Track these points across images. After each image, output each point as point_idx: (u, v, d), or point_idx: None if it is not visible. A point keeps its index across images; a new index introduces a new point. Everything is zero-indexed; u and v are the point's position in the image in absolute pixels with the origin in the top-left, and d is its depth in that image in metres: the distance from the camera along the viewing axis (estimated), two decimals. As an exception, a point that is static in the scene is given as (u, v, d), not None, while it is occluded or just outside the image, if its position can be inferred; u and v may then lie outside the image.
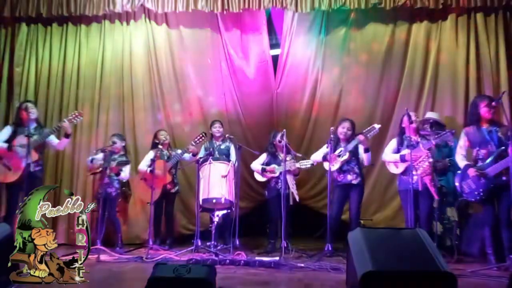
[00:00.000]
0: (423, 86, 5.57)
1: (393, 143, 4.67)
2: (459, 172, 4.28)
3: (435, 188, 4.32)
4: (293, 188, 4.87)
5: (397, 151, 4.58)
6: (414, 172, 4.30)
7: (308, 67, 5.94)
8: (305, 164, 4.92)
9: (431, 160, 4.32)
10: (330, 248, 4.45)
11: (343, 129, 4.80)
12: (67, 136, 4.97)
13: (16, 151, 4.63)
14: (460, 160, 4.27)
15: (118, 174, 5.14)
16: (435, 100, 5.52)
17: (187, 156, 5.28)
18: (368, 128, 4.62)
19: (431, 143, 4.29)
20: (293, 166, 4.86)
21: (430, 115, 5.09)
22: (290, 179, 4.90)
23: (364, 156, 4.73)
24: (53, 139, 4.93)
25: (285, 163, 4.68)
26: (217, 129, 5.38)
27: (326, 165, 4.77)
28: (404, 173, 4.46)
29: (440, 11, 5.49)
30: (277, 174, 5.06)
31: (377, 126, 4.62)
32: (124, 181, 5.33)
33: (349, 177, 4.73)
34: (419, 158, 4.30)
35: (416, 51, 5.63)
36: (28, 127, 4.59)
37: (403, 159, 4.44)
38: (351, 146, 4.69)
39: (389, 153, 4.65)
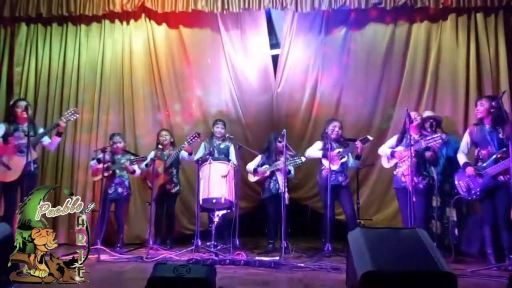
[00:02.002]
0: (423, 86, 5.57)
1: (393, 139, 4.73)
2: (459, 170, 4.30)
3: (412, 189, 4.22)
4: (283, 187, 4.86)
5: (395, 147, 4.62)
6: (396, 170, 4.52)
7: (308, 67, 5.94)
8: (293, 161, 4.86)
9: (409, 161, 4.28)
10: (330, 248, 4.47)
11: (334, 128, 4.87)
12: (59, 134, 4.78)
13: (15, 151, 4.58)
14: (461, 158, 4.30)
15: (133, 172, 5.14)
16: (436, 99, 5.51)
17: (185, 155, 5.26)
18: (363, 138, 4.72)
19: (420, 145, 4.31)
20: (281, 164, 4.83)
21: (428, 113, 5.10)
22: (280, 178, 4.92)
23: (352, 161, 4.86)
24: (45, 139, 4.80)
25: (285, 163, 4.68)
26: (219, 129, 5.35)
27: (324, 162, 4.83)
28: (396, 170, 4.57)
29: (440, 11, 5.49)
30: (268, 174, 5.09)
31: (370, 137, 4.75)
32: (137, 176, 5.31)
33: (340, 178, 4.80)
34: (403, 157, 4.34)
35: (416, 51, 5.63)
36: (25, 126, 4.54)
37: (392, 154, 4.57)
38: (349, 149, 4.77)
39: (384, 147, 4.73)
